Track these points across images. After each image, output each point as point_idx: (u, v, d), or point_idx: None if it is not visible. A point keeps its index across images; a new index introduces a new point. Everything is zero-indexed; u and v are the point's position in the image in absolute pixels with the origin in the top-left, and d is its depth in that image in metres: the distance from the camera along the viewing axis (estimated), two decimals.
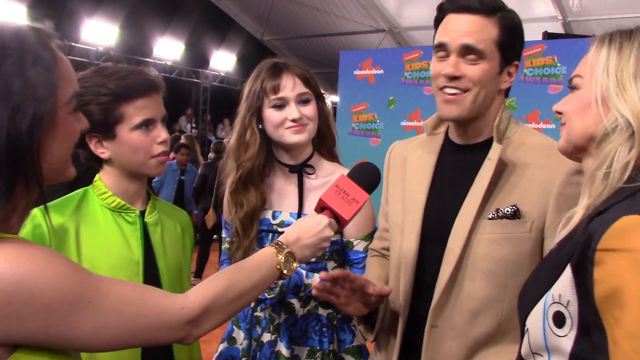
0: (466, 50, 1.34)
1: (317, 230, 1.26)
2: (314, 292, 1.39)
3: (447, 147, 1.49)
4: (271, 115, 1.63)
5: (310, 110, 1.65)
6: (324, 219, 1.27)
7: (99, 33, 11.35)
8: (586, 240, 0.90)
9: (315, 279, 1.61)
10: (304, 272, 1.62)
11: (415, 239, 1.42)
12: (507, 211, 1.32)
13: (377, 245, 1.66)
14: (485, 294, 1.33)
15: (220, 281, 1.08)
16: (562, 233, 1.03)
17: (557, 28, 9.17)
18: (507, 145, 1.39)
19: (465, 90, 1.35)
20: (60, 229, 1.35)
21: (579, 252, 0.91)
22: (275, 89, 1.61)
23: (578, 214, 1.00)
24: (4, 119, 0.81)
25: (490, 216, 1.34)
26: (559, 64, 4.04)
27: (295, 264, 1.21)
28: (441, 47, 1.37)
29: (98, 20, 11.19)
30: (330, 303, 1.67)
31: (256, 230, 1.66)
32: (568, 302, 0.93)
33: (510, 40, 1.36)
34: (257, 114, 1.65)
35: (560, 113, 1.11)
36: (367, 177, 1.34)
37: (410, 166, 1.52)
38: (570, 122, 1.07)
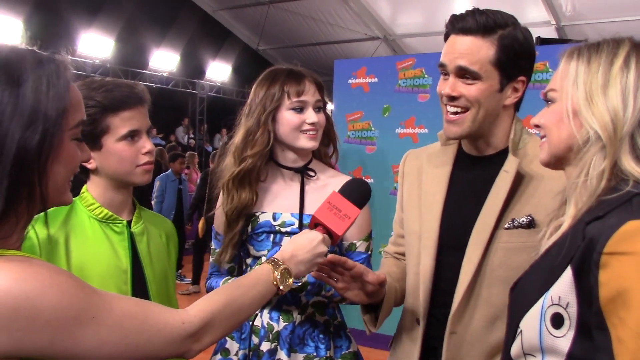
0: (462, 72, 1.38)
1: (312, 246, 1.30)
2: (312, 274, 1.41)
3: (461, 158, 1.53)
4: (290, 117, 1.66)
5: (322, 117, 1.70)
6: (317, 235, 1.32)
7: (95, 46, 11.42)
8: (588, 244, 0.92)
9: None
10: None
11: (433, 246, 1.46)
12: (523, 221, 1.36)
13: (392, 250, 1.71)
14: (502, 300, 1.35)
15: (219, 296, 1.11)
16: (550, 240, 1.05)
17: (550, 33, 9.21)
18: (522, 157, 1.42)
19: (465, 109, 1.40)
20: (50, 240, 1.38)
21: (581, 256, 0.93)
22: (299, 93, 1.66)
23: (566, 222, 1.02)
24: (17, 132, 0.89)
25: (506, 226, 1.37)
26: (550, 70, 4.04)
27: (291, 280, 1.24)
28: (442, 67, 1.42)
29: (94, 33, 11.25)
30: (325, 302, 1.70)
31: (240, 228, 1.69)
32: (567, 303, 0.95)
33: (510, 59, 1.38)
34: (272, 115, 1.68)
35: (538, 126, 1.12)
36: (358, 193, 1.40)
37: (425, 175, 1.56)
38: (550, 134, 1.09)
